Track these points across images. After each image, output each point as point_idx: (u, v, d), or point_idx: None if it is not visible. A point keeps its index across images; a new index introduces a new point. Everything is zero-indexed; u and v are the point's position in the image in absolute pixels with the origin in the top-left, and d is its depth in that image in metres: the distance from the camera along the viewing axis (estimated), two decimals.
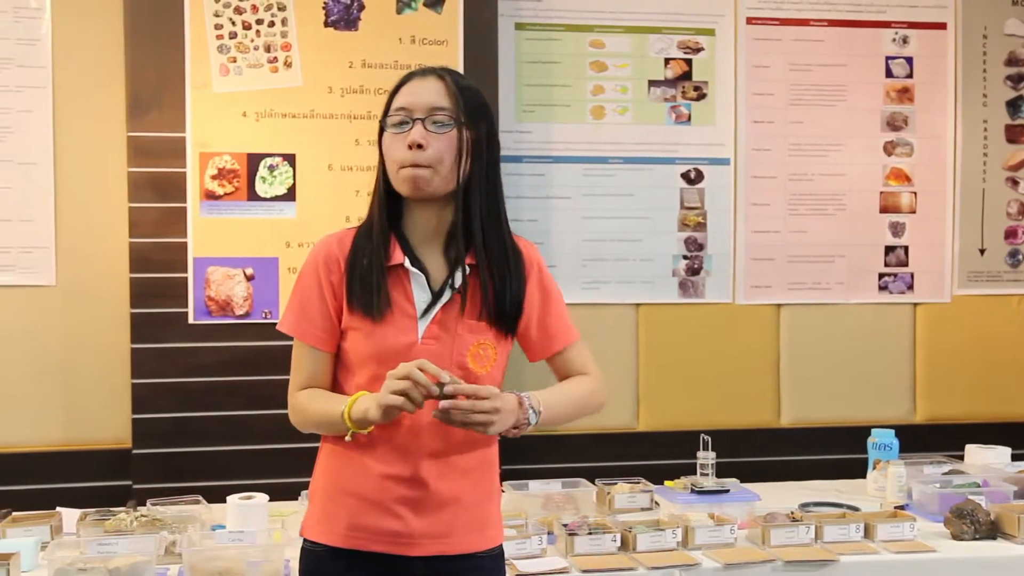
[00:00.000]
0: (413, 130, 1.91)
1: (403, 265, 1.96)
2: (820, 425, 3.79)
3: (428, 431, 1.95)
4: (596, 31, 3.67)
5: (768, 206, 3.79)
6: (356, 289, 1.96)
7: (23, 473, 3.25)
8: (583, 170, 3.68)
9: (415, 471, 1.95)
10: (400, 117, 1.94)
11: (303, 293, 2.02)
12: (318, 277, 2.00)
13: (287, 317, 2.04)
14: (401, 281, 1.97)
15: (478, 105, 1.98)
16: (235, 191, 3.28)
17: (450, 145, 1.92)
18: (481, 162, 1.96)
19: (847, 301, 3.84)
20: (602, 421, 3.64)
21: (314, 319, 1.99)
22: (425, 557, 1.95)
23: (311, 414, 1.99)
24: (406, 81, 1.99)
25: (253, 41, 3.29)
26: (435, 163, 1.91)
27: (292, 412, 2.04)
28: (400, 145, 1.92)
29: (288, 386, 2.05)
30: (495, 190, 2.00)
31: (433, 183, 1.92)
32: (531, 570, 2.50)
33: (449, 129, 1.92)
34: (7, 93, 3.28)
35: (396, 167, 1.94)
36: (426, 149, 1.90)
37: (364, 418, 1.86)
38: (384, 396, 1.80)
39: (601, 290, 3.69)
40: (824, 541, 2.74)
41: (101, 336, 3.34)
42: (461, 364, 1.96)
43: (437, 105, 1.92)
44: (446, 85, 1.95)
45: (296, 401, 2.02)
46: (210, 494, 2.95)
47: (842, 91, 3.82)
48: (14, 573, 2.33)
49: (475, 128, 1.95)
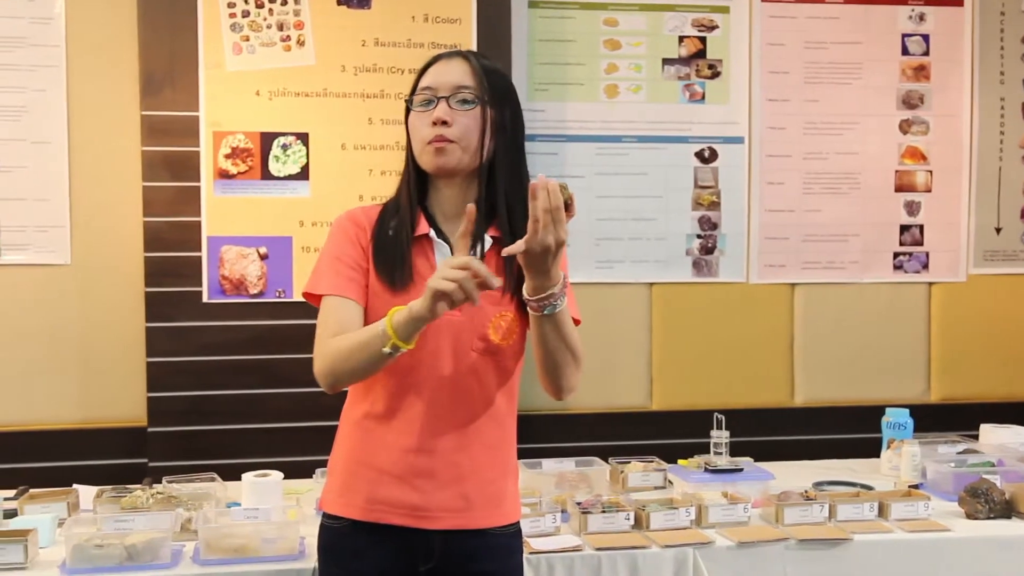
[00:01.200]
0: (437, 107, 1.94)
1: (428, 235, 1.99)
2: (834, 404, 3.78)
3: (448, 404, 1.96)
4: (610, 9, 3.65)
5: (783, 185, 3.77)
6: (381, 257, 1.98)
7: (40, 451, 3.27)
8: (596, 149, 3.67)
9: (435, 444, 1.96)
10: (425, 96, 1.98)
11: (334, 251, 2.01)
12: (348, 235, 2.01)
13: (317, 280, 2.01)
14: (425, 251, 1.99)
15: (502, 86, 2.01)
16: (248, 170, 3.28)
17: (474, 122, 1.95)
18: (505, 140, 1.99)
19: (861, 280, 3.83)
20: (615, 400, 3.67)
21: (349, 272, 1.98)
22: (443, 532, 1.97)
23: (346, 345, 1.88)
24: (433, 62, 2.02)
25: (266, 20, 3.28)
26: (459, 139, 1.94)
27: (322, 358, 1.93)
28: (425, 123, 1.96)
29: (313, 351, 1.98)
30: (519, 168, 2.02)
31: (456, 158, 1.95)
32: (545, 548, 2.51)
33: (473, 107, 1.95)
34: (21, 72, 3.28)
35: (421, 144, 1.97)
36: (450, 125, 1.93)
37: (408, 317, 1.77)
38: (437, 280, 1.71)
39: (615, 269, 3.68)
40: (838, 520, 2.75)
41: (116, 315, 3.35)
42: (483, 335, 1.97)
43: (461, 84, 1.95)
44: (471, 66, 1.98)
45: (329, 345, 1.92)
46: (225, 472, 2.97)
47: (858, 69, 3.79)
48: (32, 549, 2.35)
49: (499, 108, 1.98)
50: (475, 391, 1.99)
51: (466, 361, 1.97)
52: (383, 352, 1.80)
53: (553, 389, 2.00)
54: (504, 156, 1.98)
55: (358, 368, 1.88)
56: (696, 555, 2.56)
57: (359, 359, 1.87)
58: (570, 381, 1.98)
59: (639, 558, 2.54)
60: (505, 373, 2.02)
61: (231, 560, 2.37)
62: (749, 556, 2.60)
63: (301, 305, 3.25)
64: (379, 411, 1.98)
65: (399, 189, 2.06)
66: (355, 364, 1.88)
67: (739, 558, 2.59)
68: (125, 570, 2.32)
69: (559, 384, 1.98)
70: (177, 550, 2.42)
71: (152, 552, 2.35)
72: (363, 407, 2.02)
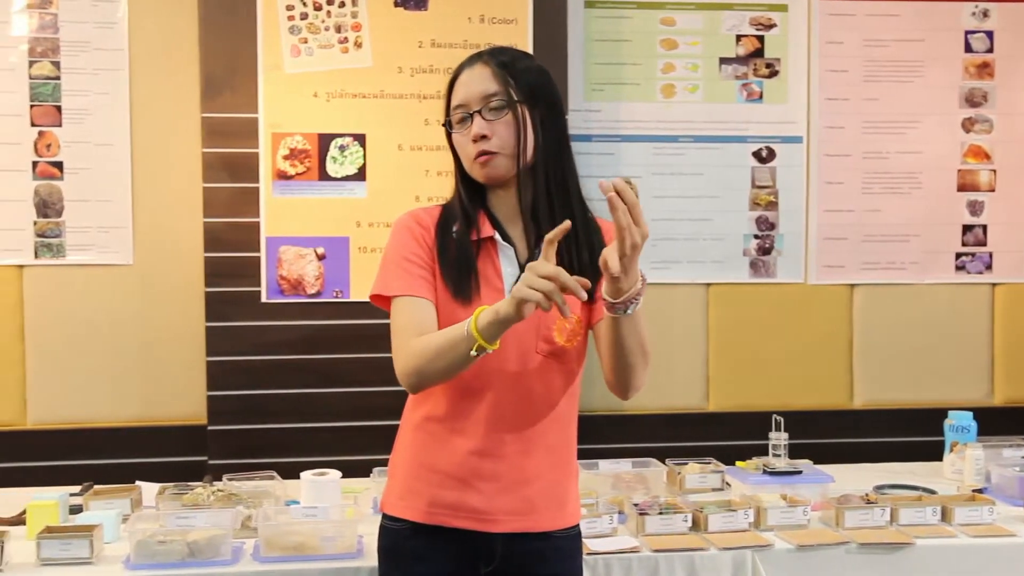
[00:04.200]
0: (474, 124, 1.95)
1: (492, 238, 1.99)
2: (894, 407, 3.73)
3: (512, 406, 1.96)
4: (667, 8, 3.63)
5: (841, 185, 3.73)
6: (446, 260, 1.97)
7: (103, 448, 3.33)
8: (653, 149, 3.65)
9: (498, 447, 1.96)
10: (460, 114, 1.98)
11: (401, 252, 1.99)
12: (415, 235, 2.00)
13: (388, 282, 1.99)
14: (490, 254, 1.99)
15: (531, 80, 1.98)
16: (306, 171, 3.31)
17: (510, 127, 1.94)
18: (546, 134, 1.98)
19: (922, 281, 3.77)
20: (671, 401, 3.65)
21: (419, 272, 1.97)
22: (505, 535, 1.96)
23: (433, 345, 1.86)
24: (457, 75, 2.01)
25: (324, 22, 3.31)
26: (501, 148, 1.94)
27: (409, 357, 1.90)
28: (467, 141, 1.96)
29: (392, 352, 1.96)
30: (565, 162, 2.00)
31: (504, 167, 1.96)
32: (603, 549, 2.50)
33: (505, 112, 1.94)
34: (85, 76, 3.34)
35: (469, 162, 1.98)
36: (490, 138, 1.94)
37: (495, 319, 1.75)
38: (522, 290, 1.69)
39: (671, 270, 3.66)
40: (900, 524, 2.70)
41: (177, 314, 3.40)
42: (547, 338, 1.97)
43: (488, 92, 1.95)
44: (493, 70, 1.96)
45: (412, 345, 1.90)
46: (282, 470, 2.99)
47: (919, 67, 3.74)
48: (97, 544, 2.38)
49: (532, 104, 1.96)
50: (539, 393, 1.98)
51: (531, 363, 1.96)
52: (470, 354, 1.80)
53: (621, 389, 1.96)
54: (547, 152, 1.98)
55: (445, 369, 1.87)
56: (755, 558, 2.54)
57: (446, 360, 1.85)
58: (639, 380, 1.94)
59: (697, 560, 2.52)
60: (569, 375, 2.02)
61: (290, 558, 2.39)
62: (808, 559, 2.57)
63: (358, 305, 3.30)
64: (441, 414, 1.98)
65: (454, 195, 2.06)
66: (442, 365, 1.86)
67: (798, 561, 2.56)
68: (187, 566, 2.35)
69: (628, 383, 1.94)
70: (237, 547, 2.45)
71: (213, 549, 2.38)
72: (425, 410, 2.01)
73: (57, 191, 3.34)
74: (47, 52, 3.32)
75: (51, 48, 3.32)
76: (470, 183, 2.02)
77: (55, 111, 3.33)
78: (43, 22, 3.31)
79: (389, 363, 1.92)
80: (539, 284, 1.67)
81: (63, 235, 3.35)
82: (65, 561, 2.34)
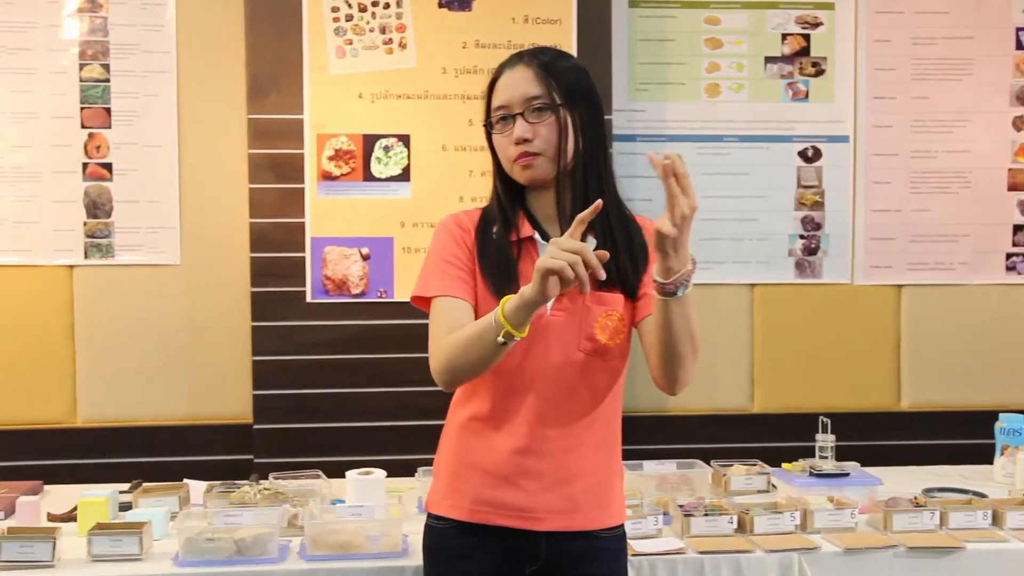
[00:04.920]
0: (516, 126, 1.95)
1: (532, 238, 1.99)
2: (943, 409, 3.68)
3: (556, 404, 1.96)
4: (712, 7, 3.61)
5: (889, 184, 3.69)
6: (486, 261, 1.98)
7: (151, 446, 3.37)
8: (697, 149, 3.63)
9: (542, 445, 1.96)
10: (501, 115, 1.98)
11: (441, 254, 2.00)
12: (454, 237, 2.01)
13: (426, 283, 2.00)
14: (530, 254, 1.99)
15: (571, 81, 1.97)
16: (351, 172, 3.33)
17: (552, 130, 1.94)
18: (586, 135, 1.97)
19: (971, 282, 3.72)
20: (715, 402, 3.63)
21: (458, 273, 1.98)
22: (549, 533, 1.96)
23: (461, 339, 1.86)
24: (498, 75, 2.01)
25: (368, 23, 3.33)
26: (543, 150, 1.95)
27: (438, 355, 1.91)
28: (508, 142, 1.97)
29: (428, 352, 1.95)
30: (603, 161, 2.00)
31: (545, 169, 1.96)
32: (648, 550, 2.48)
33: (547, 115, 1.94)
34: (134, 78, 3.38)
35: (509, 162, 1.99)
36: (533, 140, 1.94)
37: (520, 303, 1.75)
38: (546, 260, 1.68)
39: (716, 270, 3.64)
40: (949, 527, 2.66)
41: (223, 314, 3.43)
42: (590, 336, 1.96)
43: (531, 95, 1.95)
44: (535, 71, 1.96)
45: (443, 342, 1.90)
46: (326, 469, 3.01)
47: (968, 65, 3.69)
48: (146, 541, 2.41)
49: (574, 106, 1.96)
50: (582, 391, 1.98)
51: (573, 361, 1.96)
52: (497, 342, 1.78)
53: (668, 383, 1.93)
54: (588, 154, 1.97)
55: (474, 362, 1.85)
56: (801, 560, 2.51)
57: (475, 352, 1.84)
58: (687, 373, 1.91)
59: (743, 562, 2.50)
60: (612, 373, 2.01)
61: (336, 556, 2.40)
62: (856, 562, 2.54)
63: (402, 305, 3.31)
64: (485, 413, 1.99)
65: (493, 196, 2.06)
66: (471, 358, 1.85)
67: (846, 564, 2.53)
68: (235, 563, 2.37)
69: (676, 376, 1.91)
70: (284, 545, 2.46)
71: (260, 546, 2.40)
72: (469, 410, 2.02)
73: (106, 192, 3.39)
74: (97, 55, 3.36)
75: (101, 51, 3.37)
76: (509, 183, 2.03)
77: (104, 113, 3.38)
78: (93, 25, 3.36)
79: None
80: (562, 255, 1.66)
81: (112, 235, 3.39)
82: (115, 557, 2.37)
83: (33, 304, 3.37)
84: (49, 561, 2.34)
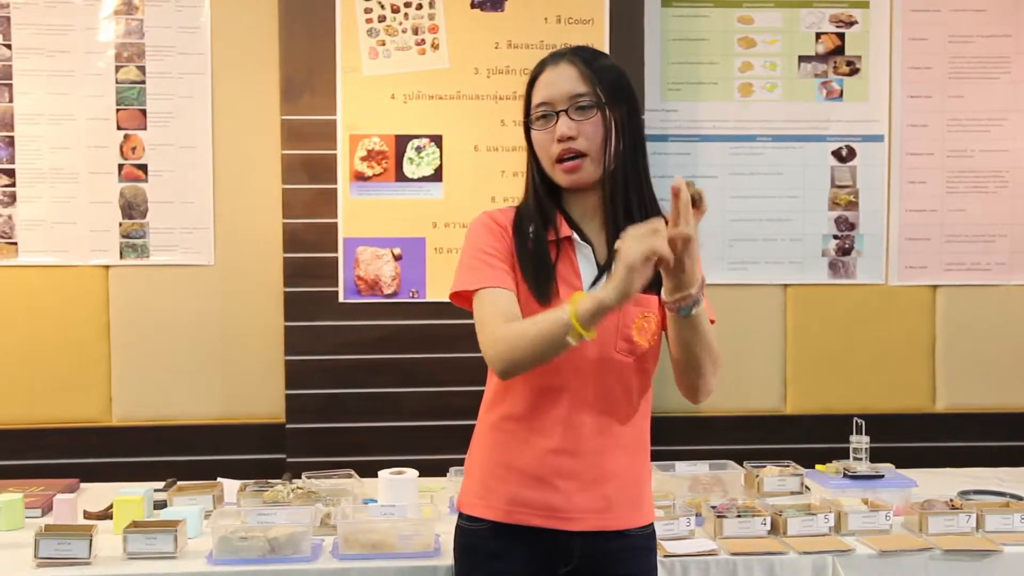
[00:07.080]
0: (559, 123, 1.92)
1: (570, 238, 1.98)
2: (979, 411, 3.65)
3: (591, 405, 1.96)
4: (745, 6, 3.59)
5: (924, 184, 3.66)
6: (524, 261, 1.96)
7: (185, 445, 3.40)
8: (730, 148, 3.61)
9: (576, 445, 1.95)
10: (543, 111, 1.96)
11: (481, 247, 1.97)
12: (493, 232, 1.99)
13: (468, 277, 1.96)
14: (568, 254, 1.98)
15: (615, 81, 1.96)
16: (383, 172, 3.34)
17: (597, 128, 1.92)
18: (626, 135, 1.96)
19: (1009, 282, 3.68)
20: (748, 403, 3.62)
21: (500, 265, 1.95)
22: (583, 533, 1.96)
23: (529, 333, 1.83)
24: (539, 72, 1.99)
25: (401, 24, 3.34)
26: (587, 150, 1.92)
27: (499, 343, 1.87)
28: (550, 140, 1.94)
29: (482, 338, 1.91)
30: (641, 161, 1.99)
31: (589, 172, 1.94)
32: (680, 551, 2.48)
33: (593, 113, 1.92)
34: (169, 79, 3.41)
35: (551, 162, 1.96)
36: (577, 139, 1.92)
37: (597, 307, 1.73)
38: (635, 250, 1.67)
39: (748, 270, 3.62)
40: (986, 530, 2.64)
41: (256, 314, 3.45)
42: (627, 336, 1.95)
43: (576, 92, 1.93)
44: (579, 69, 1.94)
45: (503, 332, 1.87)
46: (358, 468, 3.02)
47: (1006, 63, 3.65)
48: (181, 539, 2.43)
49: (617, 106, 1.95)
50: (617, 392, 1.97)
51: (609, 362, 1.95)
52: (566, 341, 1.77)
53: (690, 392, 1.97)
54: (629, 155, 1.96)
55: (540, 357, 1.84)
56: (835, 562, 2.50)
57: (540, 348, 1.82)
58: (708, 384, 1.94)
59: (776, 564, 2.48)
60: (645, 375, 2.01)
61: (369, 555, 2.41)
62: (891, 565, 2.52)
63: (434, 305, 3.32)
64: (519, 413, 1.98)
65: (527, 195, 2.04)
66: (537, 352, 1.83)
67: (880, 567, 2.51)
68: (268, 562, 2.38)
69: (697, 386, 1.94)
70: (317, 544, 2.48)
71: (293, 545, 2.41)
72: (502, 409, 2.01)
73: (142, 193, 3.42)
74: (133, 57, 3.40)
75: (136, 53, 3.40)
76: (547, 181, 2.00)
77: (140, 115, 3.41)
78: (129, 27, 3.39)
79: (465, 363, 1.92)
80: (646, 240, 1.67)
81: (147, 236, 3.42)
82: (150, 555, 2.39)
83: (69, 304, 3.41)
84: (86, 558, 2.36)
